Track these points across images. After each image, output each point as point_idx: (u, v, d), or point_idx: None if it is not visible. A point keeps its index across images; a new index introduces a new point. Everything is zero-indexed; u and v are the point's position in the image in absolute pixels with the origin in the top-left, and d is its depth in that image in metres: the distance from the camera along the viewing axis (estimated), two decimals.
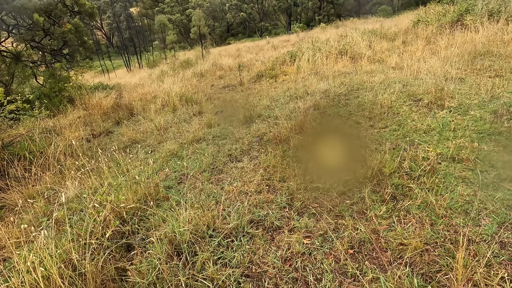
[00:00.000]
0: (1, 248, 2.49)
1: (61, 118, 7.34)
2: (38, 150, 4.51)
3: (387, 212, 2.26)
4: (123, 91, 10.73)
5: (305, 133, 3.87)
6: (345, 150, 3.35)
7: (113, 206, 2.48)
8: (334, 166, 3.03)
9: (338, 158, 3.19)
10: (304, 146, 3.58)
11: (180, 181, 3.39)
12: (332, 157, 3.24)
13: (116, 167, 3.52)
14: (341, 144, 3.46)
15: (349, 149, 3.35)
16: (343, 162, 3.08)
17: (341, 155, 3.24)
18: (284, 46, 16.09)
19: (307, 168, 3.10)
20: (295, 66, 8.62)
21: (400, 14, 20.21)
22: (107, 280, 1.95)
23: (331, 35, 12.78)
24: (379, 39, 9.62)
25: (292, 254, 2.04)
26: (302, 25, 30.59)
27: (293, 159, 3.34)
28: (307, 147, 3.54)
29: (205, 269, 1.96)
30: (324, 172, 2.96)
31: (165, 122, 5.80)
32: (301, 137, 3.79)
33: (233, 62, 13.57)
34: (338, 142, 3.54)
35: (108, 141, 5.54)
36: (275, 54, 11.90)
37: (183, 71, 12.89)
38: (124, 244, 2.31)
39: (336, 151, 3.32)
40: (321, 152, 3.36)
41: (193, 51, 24.37)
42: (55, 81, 9.22)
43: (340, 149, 3.33)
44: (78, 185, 3.38)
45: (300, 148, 3.58)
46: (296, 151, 3.52)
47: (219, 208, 2.58)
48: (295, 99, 5.72)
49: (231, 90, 8.11)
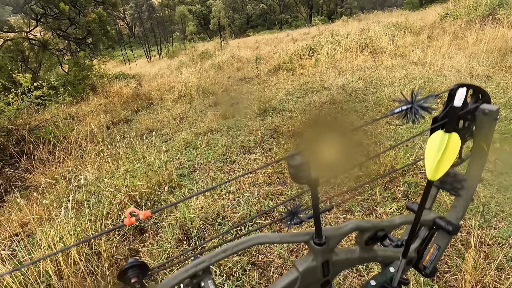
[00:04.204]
0: (26, 224, 2.67)
1: (83, 105, 7.63)
2: (61, 134, 4.73)
3: (397, 209, 2.23)
4: (142, 80, 10.98)
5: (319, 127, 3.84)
6: (359, 145, 3.30)
7: (128, 190, 2.59)
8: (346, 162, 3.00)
9: (351, 153, 3.15)
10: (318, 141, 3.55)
11: (193, 170, 3.47)
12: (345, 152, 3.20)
13: (133, 153, 3.65)
14: (355, 139, 3.41)
15: (363, 145, 3.30)
16: (356, 158, 3.04)
17: (355, 150, 3.20)
18: (304, 39, 15.83)
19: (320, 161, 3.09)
20: (313, 60, 8.48)
21: (427, 7, 19.33)
22: (120, 260, 2.06)
23: (352, 29, 12.44)
24: (403, 33, 9.27)
25: (299, 246, 2.07)
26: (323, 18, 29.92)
27: None
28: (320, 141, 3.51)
29: None
30: (335, 167, 2.94)
31: (181, 112, 5.91)
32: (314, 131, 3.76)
33: (251, 54, 13.53)
34: (352, 137, 3.48)
35: (126, 129, 5.72)
36: (293, 47, 11.74)
37: (201, 62, 12.99)
38: (137, 227, 2.42)
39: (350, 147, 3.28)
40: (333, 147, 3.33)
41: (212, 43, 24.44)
42: (79, 69, 9.56)
43: (354, 145, 3.29)
44: (97, 169, 3.53)
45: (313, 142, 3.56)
46: None
47: (229, 197, 2.63)
48: (311, 93, 5.66)
49: (248, 82, 8.12)
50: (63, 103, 5.78)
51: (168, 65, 15.92)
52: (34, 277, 1.76)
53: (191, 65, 12.63)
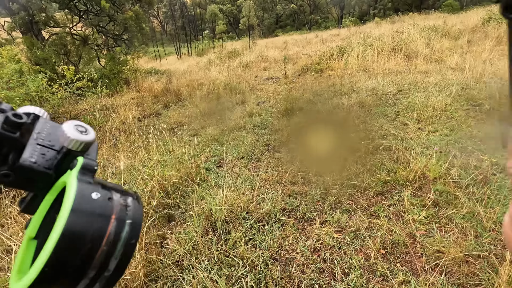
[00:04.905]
0: None
1: (117, 97, 8.03)
2: (97, 124, 5.03)
3: (426, 217, 2.17)
4: (172, 76, 11.35)
5: (347, 130, 3.79)
6: (387, 150, 3.23)
7: (159, 179, 2.72)
8: (374, 166, 2.94)
9: (379, 157, 3.09)
10: None
11: (219, 164, 3.56)
12: (373, 156, 3.15)
13: (163, 145, 3.81)
14: (383, 143, 3.34)
15: (392, 150, 3.22)
16: (384, 162, 2.98)
17: (383, 155, 3.13)
18: (333, 40, 15.57)
19: (345, 165, 3.06)
20: (342, 62, 8.34)
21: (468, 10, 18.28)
22: (149, 244, 2.18)
23: (385, 31, 12.06)
24: (440, 36, 8.86)
25: (322, 245, 2.07)
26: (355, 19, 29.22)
27: None
28: (347, 144, 3.47)
29: (236, 247, 2.08)
30: (363, 170, 2.90)
31: (209, 109, 6.05)
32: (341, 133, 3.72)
33: (279, 54, 13.53)
34: (380, 141, 3.41)
35: (156, 122, 5.96)
36: (322, 48, 11.59)
37: (229, 61, 13.20)
38: (166, 214, 2.54)
39: (378, 150, 3.21)
40: (361, 150, 3.28)
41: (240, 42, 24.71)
42: (115, 64, 10.07)
43: (382, 149, 3.22)
44: (130, 159, 3.73)
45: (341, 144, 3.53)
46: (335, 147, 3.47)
47: (253, 193, 2.68)
48: (339, 95, 5.58)
49: (275, 82, 8.15)
50: (101, 95, 6.14)
51: (197, 62, 16.32)
52: None
53: (219, 63, 12.87)
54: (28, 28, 9.13)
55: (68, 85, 5.36)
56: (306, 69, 8.78)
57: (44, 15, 9.60)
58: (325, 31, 25.65)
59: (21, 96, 4.01)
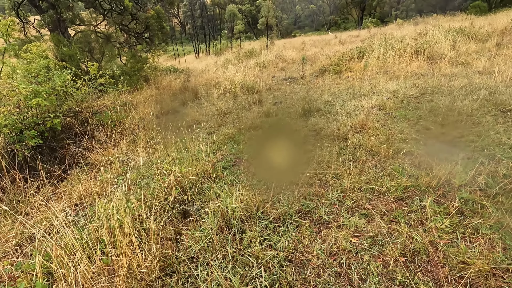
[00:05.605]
0: (88, 195, 2.97)
1: (137, 94, 8.23)
2: (118, 120, 5.16)
3: (450, 226, 2.07)
4: (190, 75, 11.51)
5: (366, 132, 3.70)
6: (408, 154, 3.12)
7: (176, 175, 2.75)
8: (394, 170, 2.85)
9: (399, 162, 2.99)
10: (363, 146, 3.42)
11: (234, 163, 3.56)
12: (393, 160, 3.05)
13: (180, 142, 3.86)
14: (404, 148, 3.23)
15: (414, 155, 3.11)
16: (405, 167, 2.88)
17: (404, 159, 3.03)
18: (353, 41, 15.30)
19: (363, 168, 2.98)
20: (362, 63, 8.17)
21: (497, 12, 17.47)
22: (165, 239, 2.20)
23: (408, 32, 11.72)
24: (466, 39, 8.50)
25: (338, 249, 2.02)
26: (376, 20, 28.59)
27: (349, 157, 3.23)
28: (366, 147, 3.38)
29: (251, 247, 2.07)
30: (382, 174, 2.81)
31: (226, 107, 6.08)
32: (360, 136, 3.63)
33: (297, 55, 13.43)
34: (401, 145, 3.31)
35: (174, 119, 6.05)
36: (342, 49, 11.41)
37: (246, 61, 13.22)
38: (182, 210, 2.56)
39: (398, 155, 3.11)
40: (381, 154, 3.19)
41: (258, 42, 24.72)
42: (136, 61, 10.32)
43: (403, 153, 3.12)
44: (148, 154, 3.80)
45: (358, 147, 3.45)
46: (353, 150, 3.40)
47: (269, 193, 2.65)
48: (358, 97, 5.46)
49: (292, 83, 8.08)
50: (121, 91, 6.29)
51: (214, 61, 16.46)
52: (92, 243, 1.96)
53: (236, 63, 12.91)
54: (56, 26, 9.50)
55: (91, 81, 5.53)
56: (324, 70, 8.66)
57: (71, 13, 9.96)
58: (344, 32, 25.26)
59: (48, 91, 4.17)
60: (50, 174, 3.54)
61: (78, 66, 8.53)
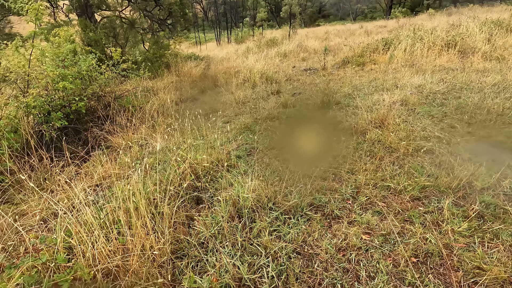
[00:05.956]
0: (107, 177, 3.10)
1: (158, 81, 8.37)
2: (138, 105, 5.29)
3: (468, 230, 1.99)
4: (211, 63, 11.54)
5: (386, 128, 3.58)
6: (429, 153, 3.00)
7: (191, 162, 2.80)
8: (412, 168, 2.76)
9: (419, 160, 2.89)
10: (382, 142, 3.33)
11: (249, 153, 3.57)
12: (413, 158, 2.95)
13: (197, 130, 3.91)
14: (425, 146, 3.11)
15: (435, 154, 2.98)
16: (425, 165, 2.78)
17: (424, 158, 2.92)
18: (379, 32, 14.67)
19: (380, 165, 2.91)
20: (387, 55, 7.84)
21: None
22: (178, 223, 2.27)
23: (439, 24, 11.07)
24: (504, 32, 7.91)
25: (348, 245, 2.01)
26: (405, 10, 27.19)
27: (366, 153, 3.16)
28: (385, 143, 3.28)
29: (260, 237, 2.09)
30: (400, 172, 2.73)
31: (244, 97, 6.08)
32: (379, 132, 3.53)
33: (319, 45, 13.08)
34: (422, 143, 3.18)
35: (192, 107, 6.13)
36: (366, 40, 10.98)
37: (267, 50, 13.05)
38: (195, 197, 2.62)
39: (418, 153, 3.00)
40: (400, 151, 3.08)
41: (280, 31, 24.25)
42: (158, 48, 10.45)
43: (423, 151, 3.00)
44: (165, 140, 3.89)
45: (377, 143, 3.35)
46: (371, 145, 3.31)
47: (282, 185, 2.66)
48: (380, 90, 5.27)
49: (312, 74, 7.92)
50: (143, 77, 6.42)
51: (235, 49, 16.38)
52: (109, 223, 2.05)
53: (257, 52, 12.78)
54: (83, 11, 9.76)
55: (114, 66, 5.68)
56: (347, 61, 8.41)
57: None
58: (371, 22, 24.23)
59: (74, 74, 4.33)
60: (74, 154, 3.72)
61: (103, 51, 8.76)
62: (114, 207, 2.16)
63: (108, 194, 2.65)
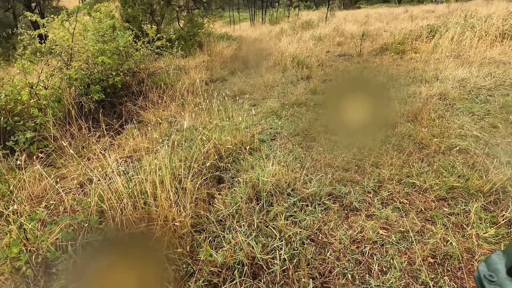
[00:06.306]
0: (137, 150, 3.30)
1: (190, 59, 8.50)
2: (170, 83, 5.45)
3: (495, 236, 1.90)
4: (243, 43, 11.44)
5: (419, 123, 3.40)
6: (463, 152, 2.83)
7: (215, 143, 2.89)
8: (442, 167, 2.63)
9: (450, 159, 2.74)
10: (412, 137, 3.18)
11: (273, 138, 3.59)
12: (444, 156, 2.80)
13: (223, 111, 3.98)
14: (459, 144, 2.92)
15: (469, 154, 2.81)
16: (456, 165, 2.64)
17: (456, 157, 2.77)
18: (426, 17, 13.55)
19: (408, 160, 2.80)
20: (431, 44, 7.29)
21: None
22: (199, 199, 2.39)
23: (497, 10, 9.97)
24: None
25: (363, 238, 2.00)
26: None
27: (394, 147, 3.05)
28: (416, 138, 3.13)
29: (276, 220, 2.15)
30: (427, 170, 2.62)
31: (273, 80, 6.02)
32: (411, 126, 3.36)
33: (357, 29, 12.42)
34: (456, 141, 2.99)
35: (221, 88, 6.20)
36: (410, 26, 10.22)
37: (301, 32, 12.62)
38: (217, 176, 2.72)
39: (451, 151, 2.84)
40: (431, 148, 2.94)
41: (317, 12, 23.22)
42: (192, 26, 10.53)
43: (456, 150, 2.84)
44: (193, 119, 4.01)
45: (407, 137, 3.21)
46: (400, 140, 3.18)
47: (302, 172, 2.67)
48: (418, 82, 4.96)
49: (346, 60, 7.60)
50: (176, 55, 6.56)
51: (269, 31, 16.02)
52: (137, 193, 2.21)
53: (291, 34, 12.41)
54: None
55: (149, 43, 5.84)
56: (385, 48, 7.94)
57: None
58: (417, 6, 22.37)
59: (112, 50, 4.53)
60: (109, 126, 3.97)
61: (140, 28, 9.01)
62: (142, 178, 2.31)
63: (137, 166, 2.83)
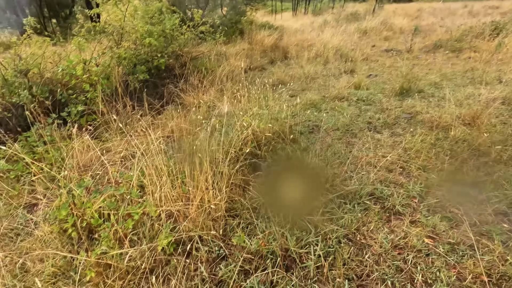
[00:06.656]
0: (177, 130, 3.36)
1: (231, 46, 8.51)
2: (211, 68, 5.49)
3: None
4: (284, 33, 11.19)
5: (477, 127, 3.08)
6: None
7: (254, 130, 2.85)
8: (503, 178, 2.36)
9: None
10: (468, 142, 2.89)
11: (312, 130, 3.48)
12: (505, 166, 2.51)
13: (263, 99, 3.92)
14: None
15: None
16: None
17: None
18: (489, 13, 12.27)
19: (461, 167, 2.55)
20: (495, 42, 6.56)
21: None
22: (234, 185, 2.38)
23: None
24: None
25: (406, 245, 1.86)
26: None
27: (446, 152, 2.79)
28: (472, 144, 2.84)
29: (312, 215, 2.07)
30: (485, 180, 2.37)
31: (314, 72, 5.83)
32: (468, 130, 3.06)
33: (408, 24, 11.59)
34: None
35: (261, 76, 6.13)
36: (470, 23, 9.30)
37: (346, 25, 12.06)
38: (253, 163, 2.69)
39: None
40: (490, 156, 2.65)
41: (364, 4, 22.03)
42: (235, 13, 10.50)
43: None
44: (232, 105, 4.00)
45: (461, 142, 2.92)
46: (454, 144, 2.90)
47: (342, 168, 2.54)
48: (478, 83, 4.50)
49: (394, 55, 7.12)
50: (218, 41, 6.58)
51: (311, 22, 15.53)
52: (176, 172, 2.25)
53: (335, 26, 11.91)
54: None
55: (194, 27, 5.91)
56: (439, 45, 7.32)
57: None
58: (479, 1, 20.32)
59: (159, 32, 4.65)
60: (151, 106, 4.10)
61: (185, 12, 9.16)
62: (181, 158, 2.35)
63: (177, 146, 2.89)
